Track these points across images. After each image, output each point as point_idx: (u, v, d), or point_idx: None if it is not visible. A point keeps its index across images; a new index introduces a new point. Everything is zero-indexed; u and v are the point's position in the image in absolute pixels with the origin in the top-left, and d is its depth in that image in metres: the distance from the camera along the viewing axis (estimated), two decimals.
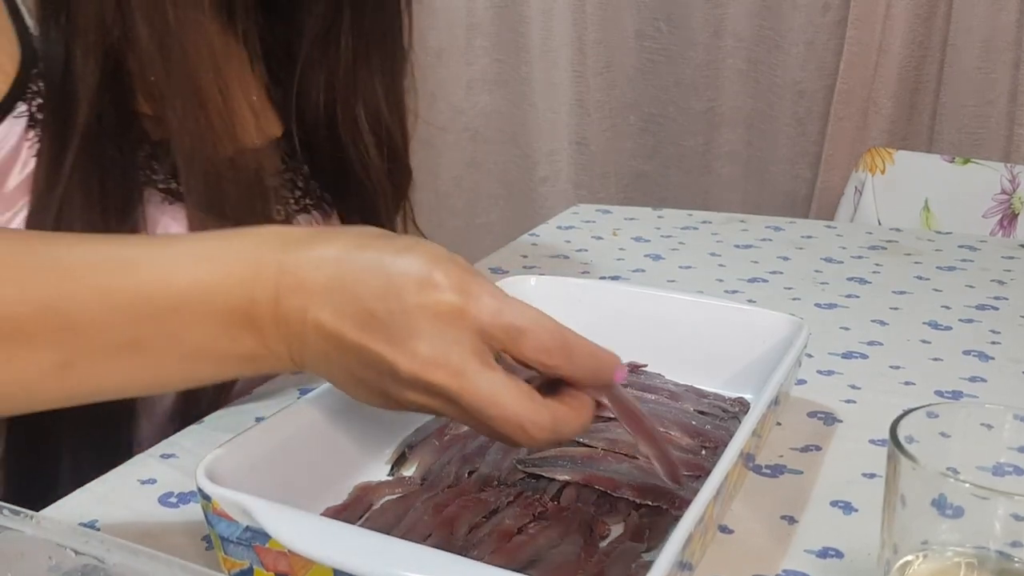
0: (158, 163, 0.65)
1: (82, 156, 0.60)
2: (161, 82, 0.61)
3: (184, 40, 0.60)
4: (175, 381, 0.49)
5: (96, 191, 0.60)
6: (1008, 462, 0.43)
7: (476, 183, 2.05)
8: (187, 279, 0.46)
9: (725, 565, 0.49)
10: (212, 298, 0.46)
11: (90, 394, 0.47)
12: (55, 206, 0.59)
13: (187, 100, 0.61)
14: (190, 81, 0.61)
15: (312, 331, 0.46)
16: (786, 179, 1.94)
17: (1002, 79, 1.73)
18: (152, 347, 0.46)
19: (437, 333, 0.43)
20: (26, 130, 0.60)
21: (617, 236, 1.09)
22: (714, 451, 0.57)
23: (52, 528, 0.35)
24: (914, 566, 0.40)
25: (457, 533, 0.49)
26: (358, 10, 0.73)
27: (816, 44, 1.85)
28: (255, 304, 0.46)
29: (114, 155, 0.61)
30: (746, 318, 0.67)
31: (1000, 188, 1.60)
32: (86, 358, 0.45)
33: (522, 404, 0.44)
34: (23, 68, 0.60)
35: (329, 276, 0.45)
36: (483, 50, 2.00)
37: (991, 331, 0.82)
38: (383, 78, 0.75)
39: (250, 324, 0.46)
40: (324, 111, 0.74)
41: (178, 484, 0.55)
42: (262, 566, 0.42)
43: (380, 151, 0.76)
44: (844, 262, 1.01)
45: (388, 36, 0.75)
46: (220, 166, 0.63)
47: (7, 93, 0.59)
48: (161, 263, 0.46)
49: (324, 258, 0.46)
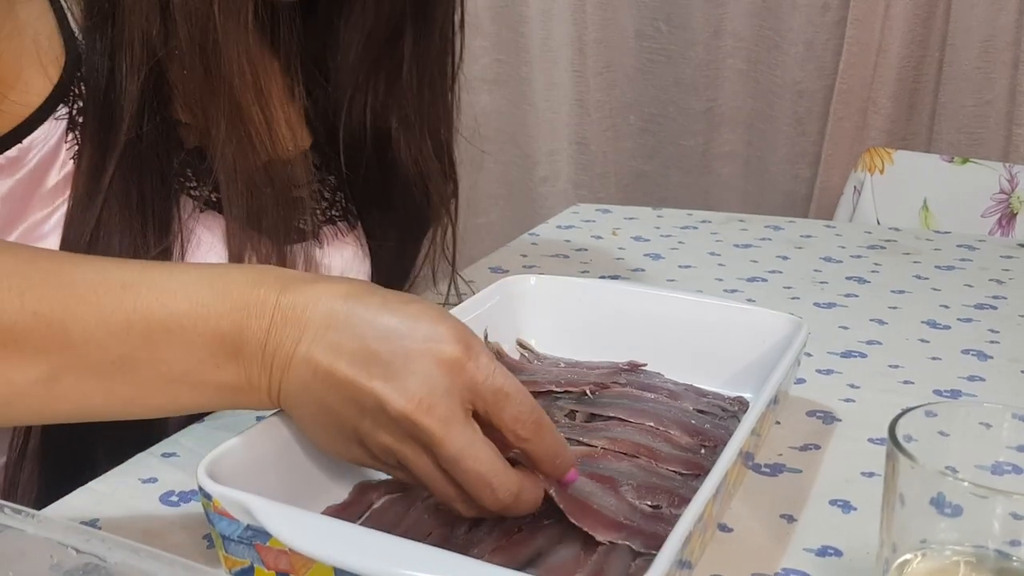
0: (192, 170, 0.65)
1: (123, 164, 0.60)
2: (202, 93, 0.61)
3: (227, 53, 0.60)
4: (154, 406, 0.49)
5: (135, 198, 0.61)
6: (1007, 461, 0.43)
7: (476, 183, 2.05)
8: (184, 302, 0.47)
9: (724, 563, 0.49)
10: (205, 322, 0.47)
11: (71, 412, 0.48)
12: (95, 213, 0.60)
13: (228, 111, 0.61)
14: (231, 92, 0.61)
15: (301, 362, 0.47)
16: (785, 179, 1.94)
17: (1001, 79, 1.73)
18: (140, 368, 0.47)
19: (434, 379, 0.45)
20: (66, 132, 0.61)
21: (617, 236, 1.09)
22: (713, 450, 0.57)
23: (53, 527, 0.35)
24: (913, 565, 0.40)
25: (457, 532, 0.49)
26: (418, 36, 0.73)
27: (815, 44, 1.85)
28: (246, 332, 0.47)
29: (153, 163, 0.62)
30: (745, 317, 0.67)
31: (999, 188, 1.60)
32: (74, 373, 0.46)
33: (496, 463, 0.45)
34: (66, 72, 0.61)
35: (327, 313, 0.47)
36: (483, 50, 2.00)
37: (990, 330, 0.82)
38: (440, 97, 0.76)
39: (237, 353, 0.47)
40: (372, 126, 0.74)
41: (179, 483, 0.56)
42: (263, 564, 0.43)
43: (439, 166, 0.77)
44: (843, 261, 1.01)
45: (445, 57, 0.76)
46: (257, 176, 0.64)
47: (49, 96, 0.60)
48: (161, 286, 0.47)
49: (325, 297, 0.47)
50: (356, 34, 0.73)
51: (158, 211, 0.62)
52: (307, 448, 0.52)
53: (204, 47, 0.60)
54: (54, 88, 0.60)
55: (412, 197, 0.77)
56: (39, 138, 0.60)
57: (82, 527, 0.35)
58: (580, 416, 0.61)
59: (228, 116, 0.62)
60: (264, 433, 0.50)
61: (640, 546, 0.47)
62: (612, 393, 0.63)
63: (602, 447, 0.56)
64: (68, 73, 0.61)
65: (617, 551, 0.47)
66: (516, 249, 1.04)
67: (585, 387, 0.63)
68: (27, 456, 0.61)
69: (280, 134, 0.66)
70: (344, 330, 0.46)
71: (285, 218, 0.67)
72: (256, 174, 0.64)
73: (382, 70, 0.73)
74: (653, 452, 0.56)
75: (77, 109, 0.61)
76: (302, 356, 0.47)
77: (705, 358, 0.66)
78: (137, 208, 0.61)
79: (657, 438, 0.58)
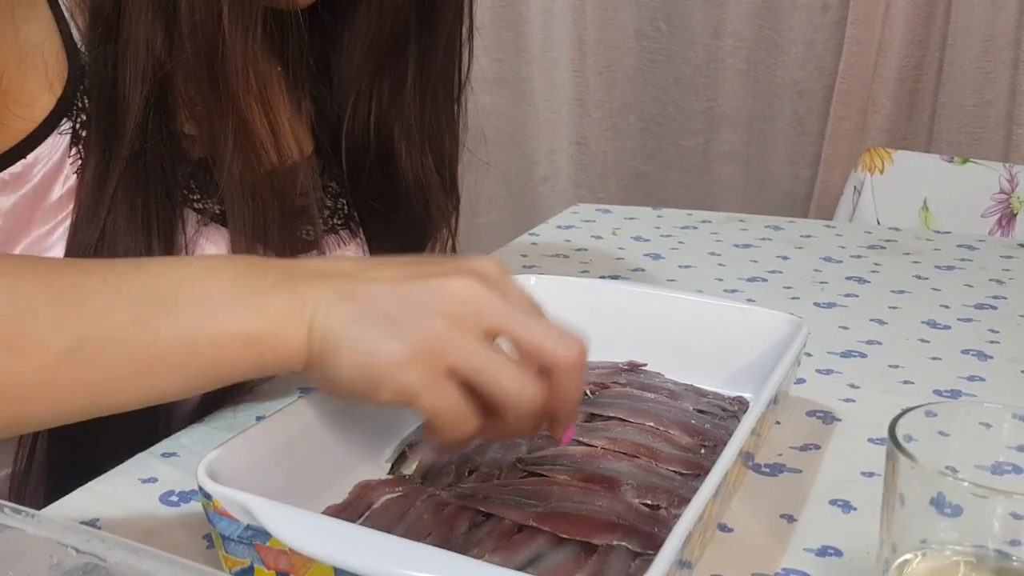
0: (196, 183, 0.65)
1: (127, 177, 0.60)
2: (207, 105, 0.61)
3: (233, 64, 0.60)
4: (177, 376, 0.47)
5: (140, 211, 0.61)
6: (1007, 461, 0.43)
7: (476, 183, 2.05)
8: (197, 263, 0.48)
9: (724, 564, 0.49)
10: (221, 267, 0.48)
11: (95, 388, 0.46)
12: (99, 226, 0.59)
13: (233, 123, 0.61)
14: (236, 104, 0.61)
15: (338, 279, 0.47)
16: (785, 179, 1.94)
17: (1001, 79, 1.73)
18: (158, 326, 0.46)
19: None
20: (69, 146, 0.60)
21: (617, 236, 1.09)
22: (713, 450, 0.57)
23: (53, 527, 0.35)
24: (913, 565, 0.40)
25: (457, 532, 0.49)
26: (423, 47, 0.72)
27: (816, 44, 1.85)
28: (268, 265, 0.48)
29: (158, 175, 0.62)
30: (745, 317, 0.67)
31: (999, 188, 1.60)
32: (95, 342, 0.45)
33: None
34: (69, 86, 0.60)
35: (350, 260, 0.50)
36: (483, 50, 1.99)
37: (990, 330, 0.82)
38: (445, 111, 0.76)
39: (258, 291, 0.47)
40: (375, 136, 0.74)
41: (179, 483, 0.56)
42: (263, 564, 0.43)
43: (441, 180, 0.77)
44: (843, 261, 1.01)
45: (451, 70, 0.75)
46: (261, 187, 0.63)
47: (53, 110, 0.60)
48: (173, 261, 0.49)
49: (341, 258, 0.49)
50: (360, 39, 0.72)
51: (163, 224, 0.62)
52: (307, 447, 0.52)
53: (211, 59, 0.59)
54: (58, 102, 0.60)
55: (413, 208, 0.76)
56: (43, 153, 0.60)
57: (82, 527, 0.35)
58: (580, 416, 0.61)
59: (233, 128, 0.61)
60: (264, 433, 0.50)
61: (640, 546, 0.47)
62: (612, 393, 0.63)
63: (602, 447, 0.56)
64: (72, 87, 0.60)
65: (616, 551, 0.47)
66: (516, 249, 1.04)
67: (585, 387, 0.62)
68: (32, 470, 0.61)
69: (287, 141, 0.66)
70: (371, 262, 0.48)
71: (290, 228, 0.66)
72: (260, 184, 0.63)
73: (385, 79, 0.73)
74: (653, 452, 0.56)
75: (81, 123, 0.61)
76: (340, 272, 0.48)
77: (705, 358, 0.66)
78: (142, 221, 0.61)
79: (657, 438, 0.58)
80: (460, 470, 0.55)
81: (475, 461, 0.56)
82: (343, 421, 0.54)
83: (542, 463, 0.55)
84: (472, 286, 0.46)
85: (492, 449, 0.57)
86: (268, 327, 0.46)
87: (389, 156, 0.74)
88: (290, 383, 0.68)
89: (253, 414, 0.63)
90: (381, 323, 0.46)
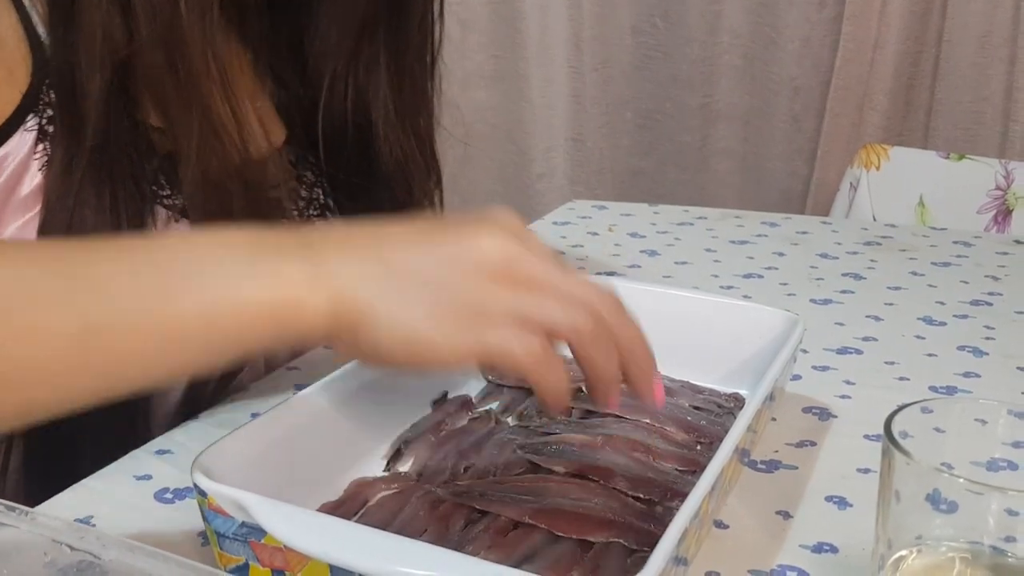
0: (165, 177, 0.64)
1: (92, 168, 0.59)
2: (167, 91, 0.59)
3: (192, 48, 0.58)
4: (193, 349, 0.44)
5: (108, 204, 0.59)
6: (1002, 457, 0.43)
7: (472, 179, 2.05)
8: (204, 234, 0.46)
9: (720, 560, 0.49)
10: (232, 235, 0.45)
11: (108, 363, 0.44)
12: (67, 218, 0.58)
13: (194, 112, 0.59)
14: (197, 90, 0.59)
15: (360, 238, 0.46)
16: (782, 175, 1.95)
17: (997, 75, 1.73)
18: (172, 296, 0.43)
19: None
20: (35, 143, 0.60)
21: (613, 232, 1.09)
22: (709, 446, 0.57)
23: (48, 524, 0.35)
24: (908, 561, 0.40)
25: (452, 529, 0.49)
26: (397, 25, 0.71)
27: (812, 40, 1.85)
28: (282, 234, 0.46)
29: (125, 168, 0.61)
30: (741, 314, 0.67)
31: (995, 184, 1.60)
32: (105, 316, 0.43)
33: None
34: (35, 78, 0.59)
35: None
36: (479, 46, 2.00)
37: (985, 327, 0.82)
38: (420, 89, 0.75)
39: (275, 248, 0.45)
40: (352, 120, 0.72)
41: (174, 480, 0.55)
42: (258, 562, 0.43)
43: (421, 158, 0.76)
44: (839, 258, 1.01)
45: (424, 47, 0.74)
46: (227, 179, 0.61)
47: (19, 105, 0.59)
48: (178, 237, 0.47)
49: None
50: (331, 22, 0.71)
51: (132, 219, 0.60)
52: (302, 445, 0.52)
53: (169, 43, 0.58)
54: (23, 99, 0.59)
55: (394, 190, 0.75)
56: (11, 149, 0.59)
57: (76, 524, 0.35)
58: (576, 412, 0.61)
59: (197, 115, 0.59)
60: (259, 430, 0.50)
61: (635, 543, 0.47)
62: None
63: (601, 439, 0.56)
64: (37, 82, 0.59)
65: (612, 548, 0.47)
66: None
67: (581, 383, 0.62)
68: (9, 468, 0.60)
69: (252, 132, 0.64)
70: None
71: (257, 222, 0.65)
72: (227, 177, 0.61)
73: (361, 59, 0.72)
74: (649, 448, 0.56)
75: (47, 118, 0.60)
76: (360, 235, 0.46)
77: (701, 354, 0.66)
78: (110, 214, 0.59)
79: (653, 434, 0.58)
80: (456, 467, 0.55)
81: (471, 458, 0.56)
82: (338, 418, 0.54)
83: (542, 450, 0.55)
84: (501, 240, 0.45)
85: (488, 446, 0.57)
86: (289, 295, 0.43)
87: (368, 138, 0.73)
88: (286, 380, 0.68)
89: (248, 411, 0.63)
90: (418, 287, 0.44)
